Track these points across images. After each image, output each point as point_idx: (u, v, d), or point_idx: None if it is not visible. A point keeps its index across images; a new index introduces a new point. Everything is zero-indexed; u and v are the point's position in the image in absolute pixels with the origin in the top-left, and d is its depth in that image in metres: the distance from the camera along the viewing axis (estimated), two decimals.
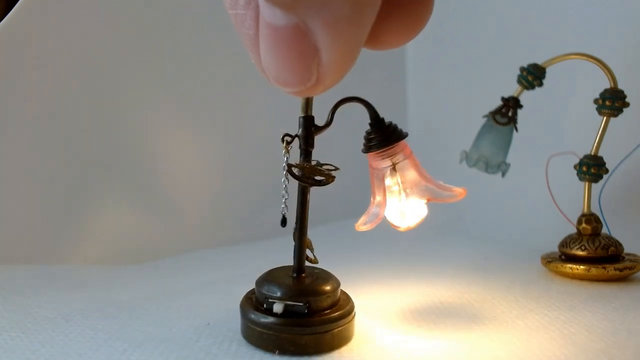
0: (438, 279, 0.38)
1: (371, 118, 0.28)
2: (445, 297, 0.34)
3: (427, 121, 0.74)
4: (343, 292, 0.29)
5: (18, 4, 0.43)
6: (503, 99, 0.41)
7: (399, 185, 0.28)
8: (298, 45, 0.18)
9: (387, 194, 0.28)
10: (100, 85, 0.50)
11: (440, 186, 0.28)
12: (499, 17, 0.66)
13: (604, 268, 0.36)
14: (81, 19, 0.48)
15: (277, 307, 0.26)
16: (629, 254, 0.39)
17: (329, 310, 0.26)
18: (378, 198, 0.29)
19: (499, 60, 0.63)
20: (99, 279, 0.42)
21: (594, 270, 0.36)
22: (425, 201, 0.28)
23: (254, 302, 0.27)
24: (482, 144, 0.41)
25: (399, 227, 0.29)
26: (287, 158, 0.28)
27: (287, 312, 0.26)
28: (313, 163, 0.27)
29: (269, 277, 0.28)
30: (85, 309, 0.33)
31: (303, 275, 0.28)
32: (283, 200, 0.28)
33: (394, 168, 0.28)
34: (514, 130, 0.41)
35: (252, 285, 0.29)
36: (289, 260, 0.29)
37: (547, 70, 0.40)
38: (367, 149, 0.29)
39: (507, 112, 0.41)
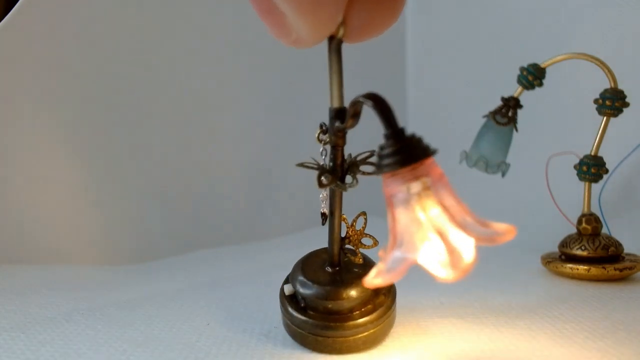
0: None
1: (385, 127, 0.21)
2: (445, 297, 0.34)
3: (427, 121, 0.74)
4: (376, 308, 0.26)
5: (18, 3, 0.43)
6: (503, 99, 0.41)
7: (397, 226, 0.21)
8: (268, 7, 0.20)
9: (394, 235, 0.22)
10: (100, 86, 0.50)
11: (452, 249, 0.20)
12: (499, 18, 0.66)
13: (604, 268, 0.36)
14: (81, 18, 0.48)
15: (286, 289, 0.27)
16: (629, 254, 0.39)
17: (327, 317, 0.26)
18: (391, 239, 0.22)
19: (499, 60, 0.63)
20: (99, 279, 0.42)
21: (594, 270, 0.36)
22: (414, 262, 0.21)
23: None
24: (482, 144, 0.41)
25: (366, 277, 0.22)
26: (322, 151, 0.25)
27: (293, 296, 0.27)
28: (361, 157, 0.25)
29: (309, 258, 0.28)
30: (85, 309, 0.33)
31: (337, 269, 0.27)
32: (320, 197, 0.27)
33: (406, 200, 0.21)
34: (514, 131, 0.41)
35: (252, 285, 0.29)
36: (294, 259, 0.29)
37: (547, 70, 0.40)
38: (379, 168, 0.21)
39: (507, 112, 0.41)
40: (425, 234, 0.21)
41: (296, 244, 0.56)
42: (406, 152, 0.20)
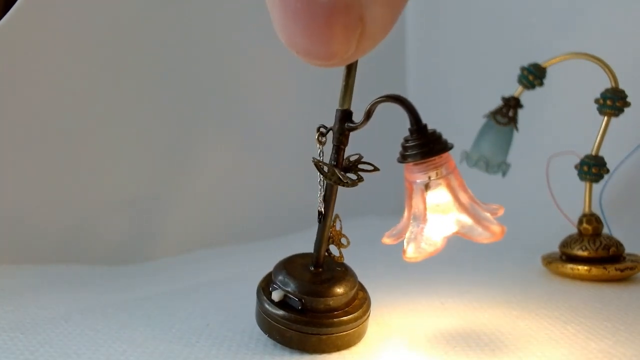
0: (438, 280, 0.38)
1: (411, 123, 0.25)
2: (446, 298, 0.34)
3: (427, 121, 0.74)
4: (362, 302, 0.27)
5: (17, 3, 0.43)
6: (503, 98, 0.41)
7: (426, 206, 0.25)
8: (346, 21, 0.17)
9: (413, 213, 0.26)
10: (98, 87, 0.50)
11: (479, 218, 0.25)
12: (500, 17, 0.66)
13: (605, 268, 0.36)
14: (80, 18, 0.48)
15: (275, 295, 0.26)
16: (630, 254, 0.38)
17: (327, 314, 0.26)
18: (421, 218, 0.26)
19: (499, 60, 0.63)
20: (99, 279, 0.42)
21: (595, 271, 0.36)
22: (449, 233, 0.25)
23: (268, 283, 0.28)
24: (482, 144, 0.41)
25: (405, 254, 0.26)
26: (320, 151, 0.26)
27: (284, 302, 0.26)
28: (353, 159, 0.26)
29: (287, 263, 0.28)
30: (85, 309, 0.33)
31: (320, 270, 0.27)
32: (318, 195, 0.27)
33: (428, 185, 0.25)
34: (515, 130, 0.41)
35: (252, 286, 0.29)
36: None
37: (548, 70, 0.40)
38: (403, 158, 0.25)
39: (507, 112, 0.41)
40: (454, 211, 0.25)
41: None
42: (430, 146, 0.25)
